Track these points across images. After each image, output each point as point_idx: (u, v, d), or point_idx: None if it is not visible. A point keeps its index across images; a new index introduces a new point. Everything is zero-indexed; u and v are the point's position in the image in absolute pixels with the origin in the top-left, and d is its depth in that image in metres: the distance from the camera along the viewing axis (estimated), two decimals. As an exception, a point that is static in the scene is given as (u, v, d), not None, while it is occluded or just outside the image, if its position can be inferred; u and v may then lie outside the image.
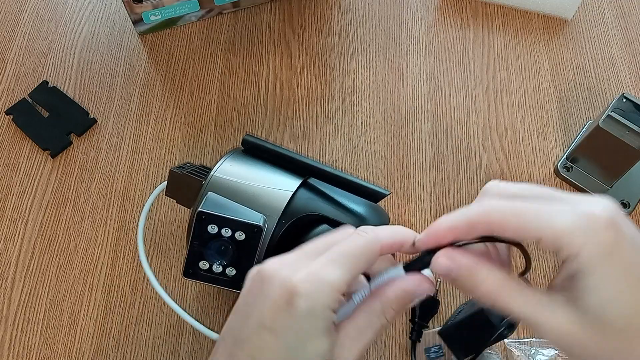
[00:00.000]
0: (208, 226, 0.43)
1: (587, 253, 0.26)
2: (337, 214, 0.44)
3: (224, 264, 0.43)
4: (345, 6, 0.74)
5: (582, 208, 0.27)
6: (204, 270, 0.43)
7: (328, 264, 0.29)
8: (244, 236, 0.43)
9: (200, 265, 0.43)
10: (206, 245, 0.43)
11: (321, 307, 0.29)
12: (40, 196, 0.61)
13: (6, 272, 0.57)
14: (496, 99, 0.67)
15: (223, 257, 0.43)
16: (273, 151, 0.49)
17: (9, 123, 0.66)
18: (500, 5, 0.74)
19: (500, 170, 0.63)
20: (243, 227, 0.43)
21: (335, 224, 0.44)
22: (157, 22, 0.70)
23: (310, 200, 0.46)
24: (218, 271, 0.43)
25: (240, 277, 0.43)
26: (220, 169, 0.47)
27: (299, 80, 0.68)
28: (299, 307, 0.28)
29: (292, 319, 0.28)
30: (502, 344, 0.54)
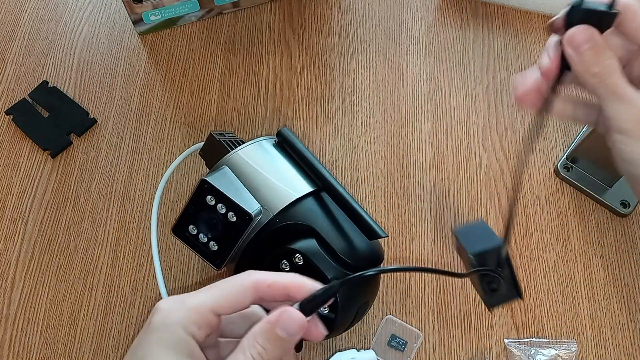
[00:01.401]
0: (207, 196, 0.44)
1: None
2: (330, 235, 0.43)
3: (209, 237, 0.44)
4: (345, 6, 0.74)
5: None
6: (191, 235, 0.45)
7: (194, 293, 0.31)
8: (235, 218, 0.44)
9: (189, 229, 0.45)
10: (200, 212, 0.44)
11: (172, 322, 0.29)
12: (40, 196, 0.61)
13: (6, 272, 0.57)
14: (496, 99, 0.67)
15: (211, 230, 0.44)
16: (300, 152, 0.49)
17: (9, 123, 0.66)
18: (500, 5, 0.74)
19: (500, 170, 0.63)
20: (237, 210, 0.44)
21: (324, 243, 0.43)
22: (157, 22, 0.70)
23: (311, 211, 0.45)
24: (203, 241, 0.44)
25: (220, 254, 0.44)
26: (245, 150, 0.48)
27: (299, 80, 0.68)
28: (153, 321, 0.29)
29: (146, 334, 0.29)
30: (502, 344, 0.54)
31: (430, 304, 0.56)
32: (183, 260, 0.58)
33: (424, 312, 0.55)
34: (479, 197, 0.61)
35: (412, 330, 0.54)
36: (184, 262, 0.58)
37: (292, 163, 0.49)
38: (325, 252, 0.43)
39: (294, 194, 0.45)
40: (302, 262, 0.42)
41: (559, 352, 0.53)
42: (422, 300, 0.56)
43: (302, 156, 0.49)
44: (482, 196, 0.61)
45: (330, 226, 0.45)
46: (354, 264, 0.43)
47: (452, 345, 0.54)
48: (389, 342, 0.54)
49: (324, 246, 0.43)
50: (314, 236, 0.44)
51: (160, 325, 0.29)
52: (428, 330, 0.54)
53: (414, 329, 0.54)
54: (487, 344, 0.54)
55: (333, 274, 0.42)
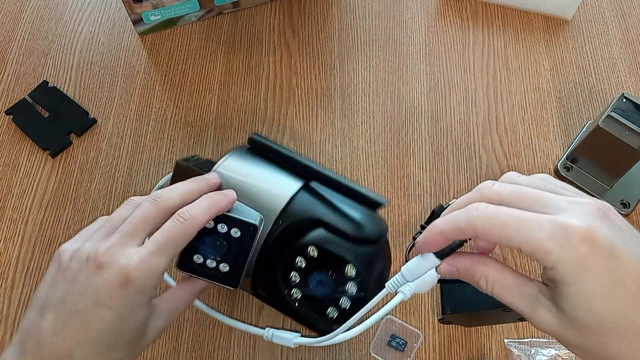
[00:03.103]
0: None
1: (562, 267, 0.28)
2: (335, 219, 0.44)
3: (217, 260, 0.43)
4: (345, 6, 0.74)
5: (562, 219, 0.29)
6: (198, 264, 0.43)
7: (155, 253, 0.37)
8: (239, 233, 0.43)
9: (194, 259, 0.43)
10: (201, 239, 0.43)
11: (150, 287, 0.37)
12: (40, 196, 0.61)
13: (6, 272, 0.57)
14: (496, 99, 0.67)
15: (217, 252, 0.43)
16: (277, 152, 0.49)
17: (9, 123, 0.66)
18: (500, 5, 0.74)
19: (500, 170, 0.63)
20: (239, 225, 0.43)
21: (332, 229, 0.43)
22: (157, 22, 0.70)
23: (309, 203, 0.45)
24: (212, 266, 0.43)
25: (233, 274, 0.43)
26: (224, 165, 0.47)
27: (299, 80, 0.68)
28: (133, 287, 0.35)
29: (126, 297, 0.35)
30: (502, 344, 0.54)
31: (430, 304, 0.56)
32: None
33: (424, 312, 0.55)
34: (479, 197, 0.61)
35: (412, 330, 0.54)
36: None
37: (272, 164, 0.48)
38: (335, 236, 0.43)
39: (288, 192, 0.45)
40: (317, 253, 0.43)
41: (559, 352, 0.53)
42: (422, 300, 0.56)
43: (280, 154, 0.49)
44: (482, 196, 0.61)
45: (332, 211, 0.45)
46: (367, 237, 0.44)
47: (452, 345, 0.54)
48: (389, 342, 0.54)
49: (332, 231, 0.43)
50: (320, 225, 0.44)
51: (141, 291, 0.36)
52: (428, 330, 0.54)
53: (414, 329, 0.54)
54: (487, 344, 0.54)
55: (351, 255, 0.42)
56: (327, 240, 0.43)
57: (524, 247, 0.29)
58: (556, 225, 0.29)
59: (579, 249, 0.28)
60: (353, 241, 0.43)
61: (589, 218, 0.29)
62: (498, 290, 0.32)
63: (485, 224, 0.30)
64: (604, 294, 0.28)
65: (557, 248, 0.28)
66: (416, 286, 0.36)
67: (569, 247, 0.28)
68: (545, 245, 0.28)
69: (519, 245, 0.29)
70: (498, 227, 0.30)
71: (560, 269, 0.28)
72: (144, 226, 0.38)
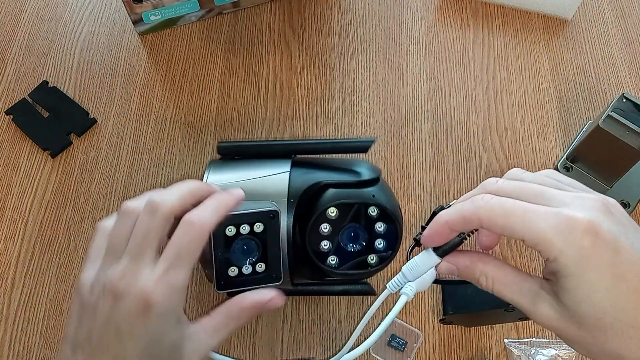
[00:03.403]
0: (225, 230, 0.41)
1: (564, 259, 0.28)
2: (336, 177, 0.45)
3: (252, 262, 0.42)
4: (345, 6, 0.74)
5: (566, 212, 0.29)
6: (235, 277, 0.42)
7: (170, 269, 0.34)
8: (262, 227, 0.42)
9: (229, 274, 0.42)
10: (229, 249, 0.42)
11: (174, 307, 0.34)
12: (40, 196, 0.61)
13: (6, 272, 0.57)
14: (496, 99, 0.67)
15: (249, 255, 0.42)
16: (251, 147, 0.50)
17: (9, 123, 0.66)
18: (500, 5, 0.74)
19: (500, 170, 0.63)
20: (259, 218, 0.42)
21: (338, 186, 0.45)
22: (157, 22, 0.70)
23: (306, 174, 0.46)
24: (248, 272, 0.42)
25: (272, 269, 0.43)
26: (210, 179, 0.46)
27: (299, 80, 0.68)
28: (155, 312, 0.33)
29: (150, 324, 0.33)
30: (502, 344, 0.54)
31: (430, 304, 0.56)
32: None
33: (424, 312, 0.55)
34: (479, 197, 0.61)
35: (412, 330, 0.54)
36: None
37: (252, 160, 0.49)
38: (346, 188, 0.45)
39: (284, 172, 0.46)
40: (336, 212, 0.43)
41: (559, 352, 0.53)
42: (422, 300, 0.56)
43: (254, 148, 0.50)
44: (482, 196, 0.61)
45: (328, 171, 0.47)
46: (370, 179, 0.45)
47: (452, 345, 0.54)
48: (389, 342, 0.54)
49: (340, 187, 0.45)
50: (327, 187, 0.45)
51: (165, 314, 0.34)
52: (428, 330, 0.54)
53: (414, 329, 0.54)
54: (487, 344, 0.54)
55: (367, 197, 0.44)
56: (341, 195, 0.44)
57: (527, 237, 0.29)
58: (560, 217, 0.29)
59: (582, 241, 0.28)
60: (360, 187, 0.45)
61: (592, 212, 0.29)
62: (498, 287, 0.33)
63: (490, 214, 0.31)
64: (606, 288, 0.28)
65: (560, 239, 0.28)
66: (417, 285, 0.37)
67: (572, 239, 0.28)
68: (549, 236, 0.28)
69: (523, 236, 0.29)
70: (503, 217, 0.30)
71: (562, 261, 0.28)
72: (150, 242, 0.35)
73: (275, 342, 0.54)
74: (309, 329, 0.55)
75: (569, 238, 0.28)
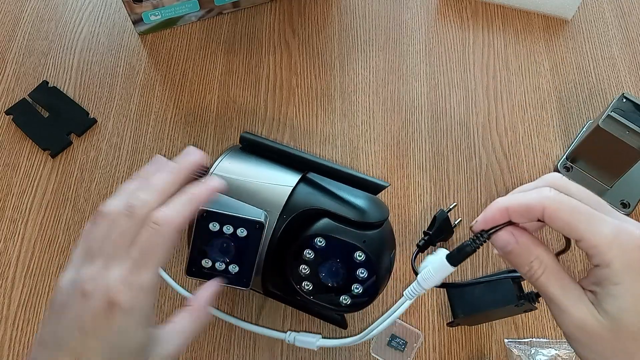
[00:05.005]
0: (209, 224, 0.42)
1: (618, 265, 0.30)
2: (338, 207, 0.44)
3: (226, 261, 0.43)
4: (345, 6, 0.74)
5: (625, 225, 0.31)
6: (207, 269, 0.43)
7: (134, 270, 0.34)
8: (245, 232, 0.43)
9: (202, 264, 0.43)
10: (208, 243, 0.43)
11: (140, 308, 0.34)
12: (40, 196, 0.61)
13: (6, 272, 0.57)
14: (496, 99, 0.67)
15: (225, 254, 0.43)
16: (271, 147, 0.49)
17: (9, 123, 0.66)
18: (500, 5, 0.74)
19: (500, 170, 0.63)
20: (244, 224, 0.43)
21: (336, 218, 0.44)
22: (157, 22, 0.70)
23: (310, 194, 0.46)
24: (221, 269, 0.43)
25: (243, 274, 0.43)
26: (220, 167, 0.47)
27: (299, 80, 0.68)
28: (119, 311, 0.33)
29: (113, 322, 0.33)
30: (502, 344, 0.54)
31: (430, 304, 0.56)
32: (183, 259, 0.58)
33: (424, 312, 0.55)
34: (479, 197, 0.61)
35: (412, 330, 0.54)
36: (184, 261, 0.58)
37: (267, 161, 0.49)
38: (341, 224, 0.44)
39: (289, 186, 0.45)
40: (324, 242, 0.43)
41: (559, 352, 0.53)
42: (422, 300, 0.56)
43: (274, 150, 0.49)
44: (482, 196, 0.61)
45: (333, 199, 0.45)
46: (371, 222, 0.44)
47: (452, 345, 0.54)
48: (389, 342, 0.54)
49: (337, 219, 0.44)
50: (324, 215, 0.44)
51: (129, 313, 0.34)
52: (428, 330, 0.54)
53: (414, 329, 0.54)
54: (487, 344, 0.54)
55: (358, 240, 0.43)
56: (333, 228, 0.43)
57: (587, 237, 0.30)
58: (620, 227, 0.30)
59: (637, 253, 0.30)
60: (358, 227, 0.44)
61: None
62: (547, 275, 0.32)
63: (557, 206, 0.31)
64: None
65: (617, 246, 0.30)
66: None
67: (628, 249, 0.30)
68: (608, 241, 0.30)
69: (584, 235, 0.30)
70: (569, 213, 0.31)
71: (615, 267, 0.30)
72: (124, 242, 0.35)
73: (276, 342, 0.54)
74: (309, 329, 0.55)
75: (625, 248, 0.30)
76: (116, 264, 0.34)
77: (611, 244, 0.30)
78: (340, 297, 0.43)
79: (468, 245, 0.34)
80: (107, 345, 0.33)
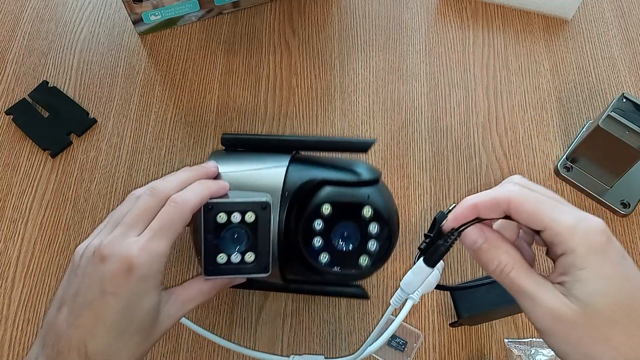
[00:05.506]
0: (216, 216, 0.42)
1: (583, 249, 0.31)
2: (334, 175, 0.45)
3: (241, 251, 0.43)
4: (345, 6, 0.74)
5: (585, 214, 0.32)
6: (223, 264, 0.43)
7: (153, 238, 0.38)
8: (254, 217, 0.43)
9: (218, 260, 0.43)
10: (219, 236, 0.43)
11: (154, 272, 0.38)
12: (40, 196, 0.61)
13: (6, 272, 0.57)
14: (496, 99, 0.67)
15: (238, 244, 0.43)
16: (254, 139, 0.51)
17: (9, 123, 0.66)
18: (500, 5, 0.74)
19: (500, 170, 0.63)
20: (251, 207, 0.43)
21: (335, 184, 0.45)
22: (157, 22, 0.70)
23: (305, 170, 0.46)
24: (237, 260, 0.43)
25: (260, 260, 0.43)
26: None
27: (299, 80, 0.68)
28: (136, 274, 0.37)
29: (131, 284, 0.37)
30: (502, 344, 0.54)
31: (430, 304, 0.56)
32: (183, 260, 0.58)
33: (424, 312, 0.55)
34: (479, 197, 0.61)
35: (412, 330, 0.54)
36: (184, 261, 0.58)
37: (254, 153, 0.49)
38: (342, 187, 0.45)
39: (282, 166, 0.46)
40: (331, 209, 0.43)
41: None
42: (422, 300, 0.56)
43: (257, 140, 0.51)
44: (482, 196, 0.61)
45: (327, 169, 0.47)
46: (368, 179, 0.45)
47: (452, 345, 0.54)
48: (389, 342, 0.54)
49: (336, 185, 0.45)
50: (324, 184, 0.45)
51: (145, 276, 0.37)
52: (428, 330, 0.54)
53: (414, 329, 0.54)
54: (487, 344, 0.54)
55: (362, 198, 0.44)
56: (336, 193, 0.44)
57: (551, 225, 0.32)
58: (581, 215, 0.32)
59: (599, 238, 0.31)
60: (358, 185, 0.45)
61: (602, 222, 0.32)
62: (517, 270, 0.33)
63: (522, 198, 0.33)
64: (619, 283, 0.31)
65: (580, 232, 0.31)
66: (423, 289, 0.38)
67: (590, 234, 0.31)
68: (571, 227, 0.31)
69: (547, 224, 0.32)
70: (533, 203, 0.32)
71: (580, 252, 0.31)
72: (144, 217, 0.39)
73: (275, 342, 0.54)
74: (309, 329, 0.55)
75: (588, 233, 0.31)
76: (135, 233, 0.39)
77: (574, 230, 0.31)
78: (359, 260, 0.43)
79: (441, 245, 0.35)
80: (124, 303, 0.37)
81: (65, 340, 0.36)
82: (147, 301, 0.38)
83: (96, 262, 0.38)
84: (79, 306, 0.37)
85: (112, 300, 0.37)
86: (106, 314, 0.37)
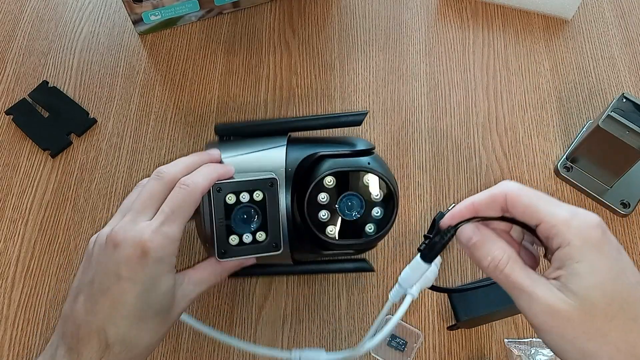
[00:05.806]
0: (225, 197, 0.43)
1: (579, 242, 0.31)
2: (332, 148, 0.47)
3: (252, 231, 0.44)
4: (345, 6, 0.74)
5: (579, 210, 0.33)
6: (236, 245, 0.44)
7: (165, 222, 0.39)
8: (261, 195, 0.44)
9: (230, 242, 0.44)
10: (229, 217, 0.43)
11: (168, 255, 0.38)
12: (40, 196, 0.61)
13: (6, 272, 0.57)
14: (496, 99, 0.67)
15: (249, 223, 0.44)
16: (247, 126, 0.52)
17: (9, 123, 0.66)
18: (500, 5, 0.74)
19: (500, 170, 0.63)
20: (258, 185, 0.44)
21: (334, 157, 0.46)
22: (157, 22, 0.70)
23: (303, 147, 0.48)
24: (249, 241, 0.44)
25: (272, 238, 0.44)
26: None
27: (299, 80, 0.68)
28: (151, 257, 0.37)
29: (146, 268, 0.37)
30: (502, 344, 0.54)
31: (430, 304, 0.56)
32: (183, 260, 0.58)
33: (424, 312, 0.55)
34: (479, 197, 0.61)
35: (412, 330, 0.54)
36: (184, 262, 0.58)
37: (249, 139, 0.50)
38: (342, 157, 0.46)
39: (281, 146, 0.47)
40: (334, 181, 0.45)
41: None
42: (422, 300, 0.56)
43: (251, 126, 0.52)
44: (482, 196, 0.61)
45: (324, 145, 0.48)
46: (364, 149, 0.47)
47: (452, 345, 0.54)
48: (389, 342, 0.54)
49: (336, 157, 0.46)
50: (323, 158, 0.46)
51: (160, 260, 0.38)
52: (428, 330, 0.54)
53: (414, 329, 0.54)
54: (487, 344, 0.54)
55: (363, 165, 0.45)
56: (337, 164, 0.45)
57: (547, 219, 0.32)
58: (575, 210, 0.32)
59: (594, 232, 0.31)
60: (356, 155, 0.46)
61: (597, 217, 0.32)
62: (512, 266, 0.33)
63: (518, 193, 0.33)
64: (615, 277, 0.31)
65: (575, 225, 0.31)
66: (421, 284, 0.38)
67: (585, 228, 0.31)
68: (567, 220, 0.32)
69: (543, 217, 0.32)
70: (529, 197, 0.33)
71: (576, 244, 0.31)
72: (152, 201, 0.40)
73: (276, 342, 0.54)
74: (309, 329, 0.55)
75: (583, 227, 0.31)
76: (145, 218, 0.39)
77: (569, 223, 0.31)
78: (365, 228, 0.45)
79: (437, 242, 0.35)
80: (140, 287, 0.37)
81: (84, 328, 0.37)
82: (163, 284, 0.38)
83: (109, 249, 0.38)
84: (95, 293, 0.37)
85: (129, 285, 0.37)
86: (123, 299, 0.37)
